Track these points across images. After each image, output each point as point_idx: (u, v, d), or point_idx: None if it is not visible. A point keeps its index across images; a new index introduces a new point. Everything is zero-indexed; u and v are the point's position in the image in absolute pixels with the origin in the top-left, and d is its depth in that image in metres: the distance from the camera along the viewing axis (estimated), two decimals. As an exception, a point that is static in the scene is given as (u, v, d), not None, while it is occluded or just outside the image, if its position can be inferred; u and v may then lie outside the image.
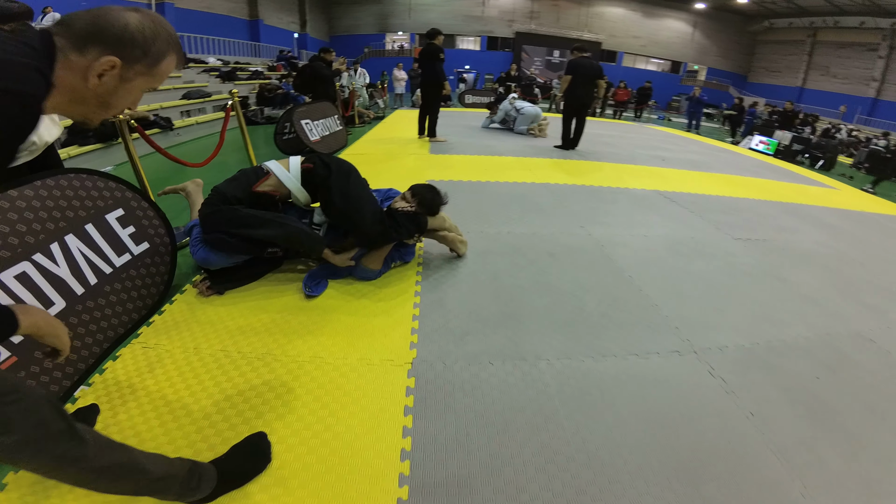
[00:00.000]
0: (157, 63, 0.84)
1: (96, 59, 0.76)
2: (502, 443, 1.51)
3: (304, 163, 2.38)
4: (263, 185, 2.31)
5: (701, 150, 8.37)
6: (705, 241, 3.36)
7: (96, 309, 1.93)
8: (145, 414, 1.56)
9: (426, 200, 2.53)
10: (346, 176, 2.36)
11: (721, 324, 2.29)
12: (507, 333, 2.08)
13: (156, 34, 0.82)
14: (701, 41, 24.52)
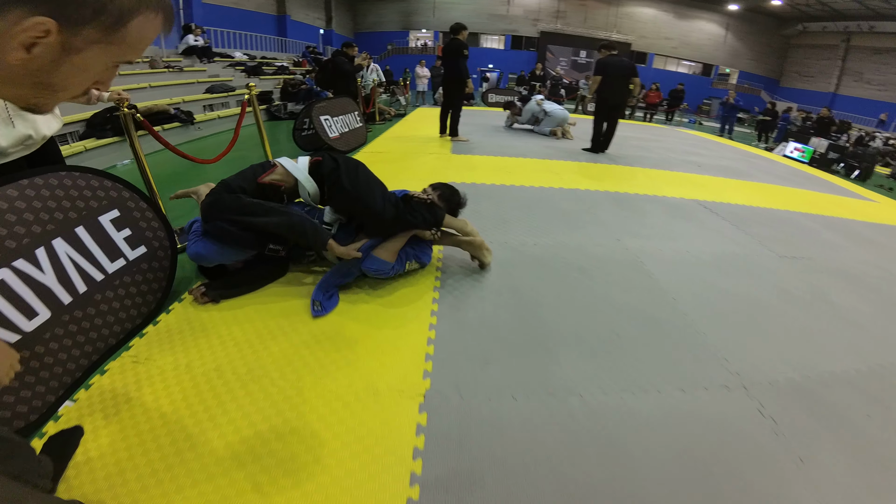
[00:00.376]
0: (122, 23, 0.56)
1: (17, 22, 0.51)
2: (522, 495, 1.29)
3: (313, 157, 2.32)
4: (269, 176, 2.22)
5: (736, 157, 7.96)
6: (749, 259, 3.08)
7: (85, 319, 1.77)
8: (128, 439, 1.40)
9: (445, 195, 2.45)
10: (354, 167, 2.29)
11: (770, 354, 2.06)
12: (533, 362, 1.85)
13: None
14: (733, 44, 23.76)
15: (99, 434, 1.42)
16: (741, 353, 2.04)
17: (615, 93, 6.07)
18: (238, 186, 2.14)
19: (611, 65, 6.00)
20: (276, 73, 11.74)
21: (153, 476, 1.29)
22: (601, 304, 2.30)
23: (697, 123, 16.95)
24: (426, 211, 2.29)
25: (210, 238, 2.10)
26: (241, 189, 2.13)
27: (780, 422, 1.65)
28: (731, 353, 2.02)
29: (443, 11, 23.65)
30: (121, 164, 4.71)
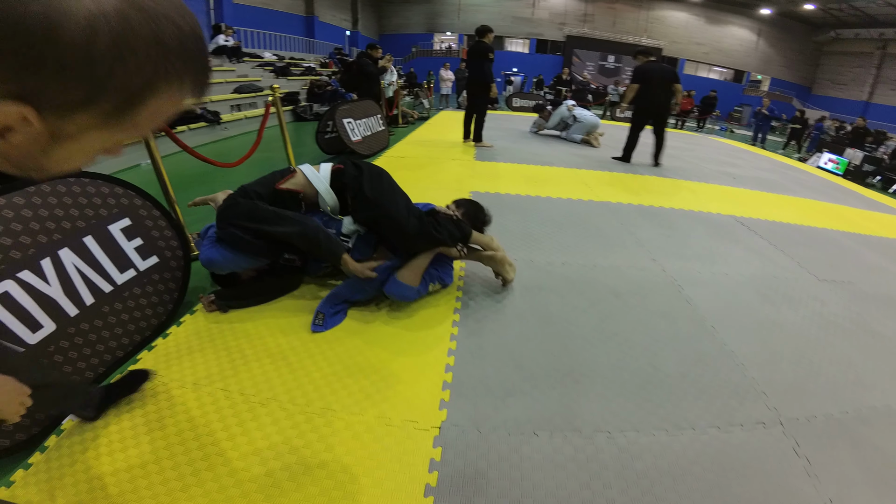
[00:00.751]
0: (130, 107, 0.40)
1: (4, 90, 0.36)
2: None
3: (335, 164, 2.23)
4: (288, 182, 2.15)
5: (770, 168, 7.62)
6: (791, 283, 2.86)
7: (92, 331, 1.68)
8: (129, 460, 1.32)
9: (470, 212, 2.36)
10: (378, 175, 2.18)
11: (811, 388, 1.91)
12: (560, 396, 1.69)
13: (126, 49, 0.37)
14: (765, 50, 23.12)
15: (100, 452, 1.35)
16: (781, 386, 1.90)
17: (656, 101, 5.79)
18: (255, 192, 2.06)
19: (651, 71, 5.72)
20: (304, 73, 11.80)
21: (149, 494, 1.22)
22: (636, 333, 2.12)
23: (729, 131, 16.46)
24: (452, 226, 2.15)
25: (223, 244, 2.01)
26: (257, 195, 2.06)
27: (814, 461, 1.53)
28: (771, 387, 1.88)
29: (467, 14, 23.58)
30: (144, 164, 4.69)
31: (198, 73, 0.44)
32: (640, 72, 5.78)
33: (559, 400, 1.67)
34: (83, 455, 1.33)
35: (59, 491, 1.22)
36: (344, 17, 21.41)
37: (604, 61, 24.11)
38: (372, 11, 24.16)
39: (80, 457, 1.32)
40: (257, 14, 14.91)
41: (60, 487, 1.23)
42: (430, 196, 3.84)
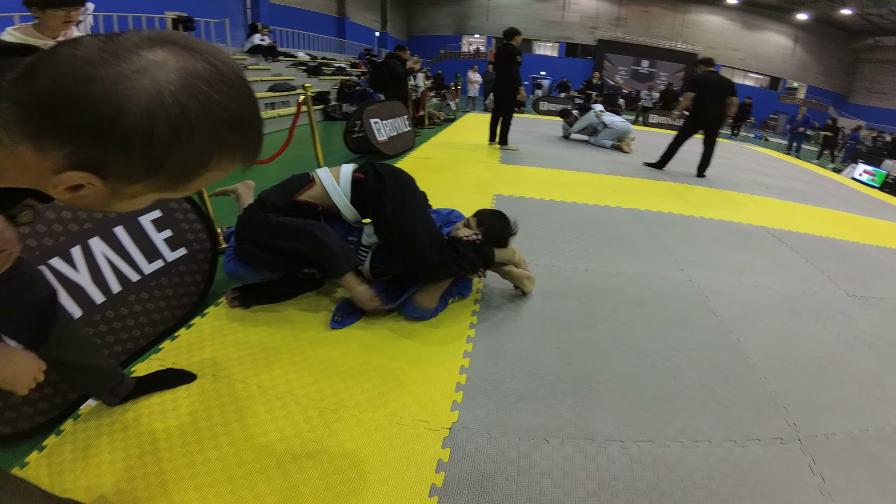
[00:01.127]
0: (184, 178, 0.45)
1: (57, 168, 0.41)
2: None
3: (356, 172, 2.10)
4: (306, 193, 2.06)
5: (803, 178, 7.33)
6: (819, 297, 2.74)
7: (117, 319, 1.73)
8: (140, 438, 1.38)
9: (493, 231, 2.14)
10: (401, 190, 2.03)
11: (833, 404, 1.83)
12: (574, 403, 1.66)
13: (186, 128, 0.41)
14: (801, 57, 22.35)
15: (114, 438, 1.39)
16: (802, 401, 1.83)
17: (708, 111, 5.64)
18: (272, 204, 2.01)
19: (707, 82, 5.57)
20: (334, 73, 12.00)
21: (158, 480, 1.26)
22: (657, 343, 2.06)
23: (763, 139, 15.94)
24: (475, 255, 2.06)
25: (241, 261, 2.01)
26: (274, 207, 2.00)
27: (829, 479, 1.47)
28: (792, 402, 1.81)
29: (496, 17, 23.51)
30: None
31: (250, 148, 0.48)
32: (696, 81, 5.65)
33: (573, 407, 1.63)
34: (97, 440, 1.36)
35: (69, 474, 1.26)
36: (374, 19, 21.71)
37: (637, 66, 23.68)
38: (401, 13, 24.39)
39: (94, 441, 1.36)
40: (292, 14, 15.26)
41: (72, 470, 1.27)
42: (451, 199, 3.84)
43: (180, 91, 0.40)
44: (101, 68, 0.38)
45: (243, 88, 0.45)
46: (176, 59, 0.41)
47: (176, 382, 1.60)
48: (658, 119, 13.02)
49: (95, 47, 0.40)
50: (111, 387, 1.42)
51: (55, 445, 1.35)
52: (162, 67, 0.40)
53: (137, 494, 1.21)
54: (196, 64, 0.42)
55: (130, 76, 0.39)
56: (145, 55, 0.40)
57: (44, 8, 1.95)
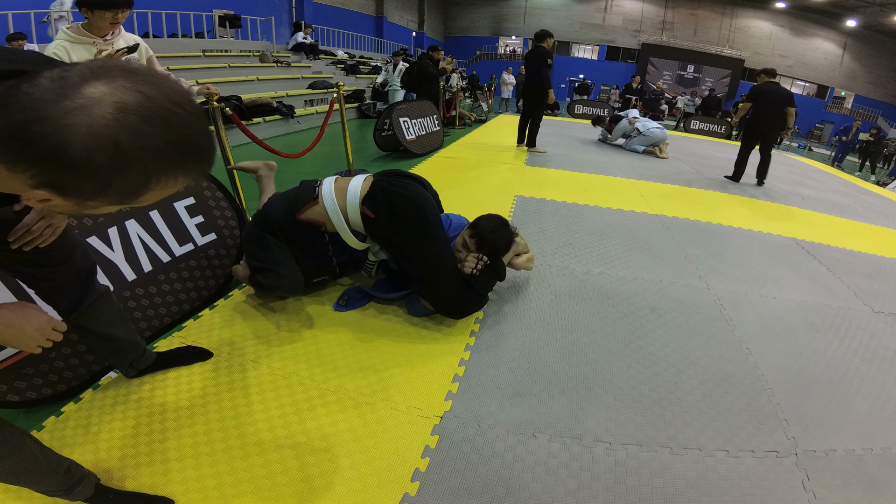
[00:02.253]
0: (128, 196, 0.53)
1: (27, 184, 0.50)
2: None
3: (365, 205, 1.89)
4: (308, 212, 1.94)
5: (844, 191, 6.94)
6: (842, 312, 2.62)
7: (145, 297, 1.87)
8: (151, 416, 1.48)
9: (497, 248, 2.05)
10: (422, 230, 1.86)
11: (839, 421, 1.76)
12: (568, 402, 1.67)
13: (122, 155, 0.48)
14: (850, 65, 21.17)
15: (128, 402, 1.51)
16: (806, 416, 1.76)
17: (766, 122, 5.57)
18: (275, 220, 1.93)
19: (767, 92, 5.48)
20: (371, 72, 12.24)
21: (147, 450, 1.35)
22: (664, 349, 2.04)
23: (807, 149, 15.20)
24: (490, 280, 2.05)
25: None
26: (276, 224, 1.92)
27: (821, 497, 1.42)
28: (795, 415, 1.74)
29: (534, 18, 23.30)
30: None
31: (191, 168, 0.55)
32: (756, 91, 5.54)
33: (566, 406, 1.64)
34: (112, 409, 1.48)
35: (80, 438, 1.37)
36: (411, 19, 21.95)
37: (682, 71, 22.99)
38: (438, 13, 24.55)
39: (109, 410, 1.47)
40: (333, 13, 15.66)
41: (84, 435, 1.38)
42: (474, 199, 3.89)
43: (112, 125, 0.47)
44: (49, 107, 0.47)
45: (181, 115, 0.52)
46: (112, 93, 0.48)
47: (193, 359, 1.72)
48: (699, 125, 12.62)
49: (47, 84, 0.48)
50: (131, 360, 1.54)
51: (72, 412, 1.47)
52: (99, 104, 0.47)
53: (126, 462, 1.30)
54: (130, 97, 0.48)
55: (70, 113, 0.46)
56: (86, 91, 0.48)
57: (92, 9, 2.07)
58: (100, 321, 1.36)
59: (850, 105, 21.41)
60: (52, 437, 1.37)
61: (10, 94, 0.48)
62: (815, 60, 21.49)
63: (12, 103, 0.48)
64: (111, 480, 1.24)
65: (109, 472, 1.27)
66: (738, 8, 21.46)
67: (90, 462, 1.28)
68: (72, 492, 1.08)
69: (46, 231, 1.05)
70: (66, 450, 1.32)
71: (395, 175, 2.07)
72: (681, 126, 13.02)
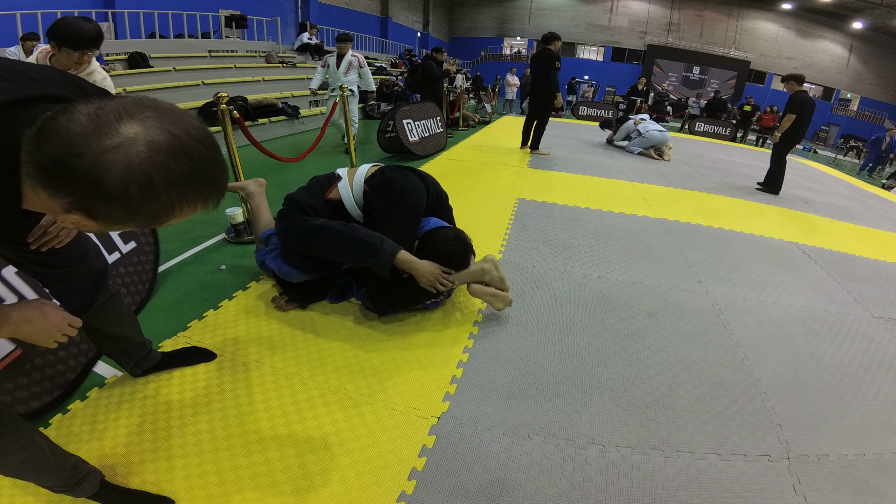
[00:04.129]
0: (151, 222, 0.61)
1: (63, 209, 0.57)
2: None
3: (367, 181, 2.10)
4: (334, 191, 2.14)
5: (849, 194, 6.93)
6: (841, 318, 2.63)
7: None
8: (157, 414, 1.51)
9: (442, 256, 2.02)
10: (396, 209, 2.02)
11: (833, 426, 1.77)
12: (563, 404, 1.70)
13: (153, 190, 0.55)
14: (856, 67, 21.16)
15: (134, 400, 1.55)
16: (800, 420, 1.78)
17: (802, 130, 5.55)
18: (307, 204, 2.05)
19: (807, 103, 5.40)
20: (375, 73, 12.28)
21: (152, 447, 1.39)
22: (660, 353, 2.06)
23: (812, 151, 15.13)
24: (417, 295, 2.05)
25: (292, 264, 2.07)
26: (309, 207, 2.05)
27: (812, 501, 1.44)
28: (788, 420, 1.76)
29: (539, 19, 23.32)
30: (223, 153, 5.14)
31: (208, 197, 0.62)
32: (798, 102, 5.39)
33: (561, 408, 1.67)
34: (118, 407, 1.51)
35: (86, 435, 1.40)
36: (416, 19, 22.00)
37: (688, 73, 22.95)
38: (443, 14, 24.59)
39: (114, 408, 1.51)
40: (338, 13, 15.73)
41: (91, 432, 1.41)
42: (476, 202, 3.91)
43: (146, 163, 0.54)
44: (89, 142, 0.52)
45: (202, 151, 0.59)
46: (145, 132, 0.55)
47: (198, 360, 1.75)
48: (704, 127, 12.60)
49: (85, 120, 0.54)
50: (137, 359, 1.58)
51: (79, 409, 1.50)
52: (133, 143, 0.54)
53: (131, 459, 1.34)
54: (161, 137, 0.55)
55: (109, 150, 0.53)
56: (122, 130, 0.54)
57: (60, 46, 2.00)
58: (109, 321, 1.40)
59: (856, 107, 21.38)
60: (58, 434, 1.41)
61: (51, 127, 0.54)
62: (821, 62, 21.40)
63: (53, 137, 0.53)
64: (116, 477, 1.27)
65: (114, 469, 1.30)
66: (744, 9, 21.40)
67: (96, 458, 1.32)
68: (77, 488, 1.11)
69: (62, 233, 1.09)
70: (73, 446, 1.35)
71: (399, 166, 2.22)
72: (686, 128, 13.00)
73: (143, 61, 6.53)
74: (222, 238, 2.89)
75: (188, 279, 2.40)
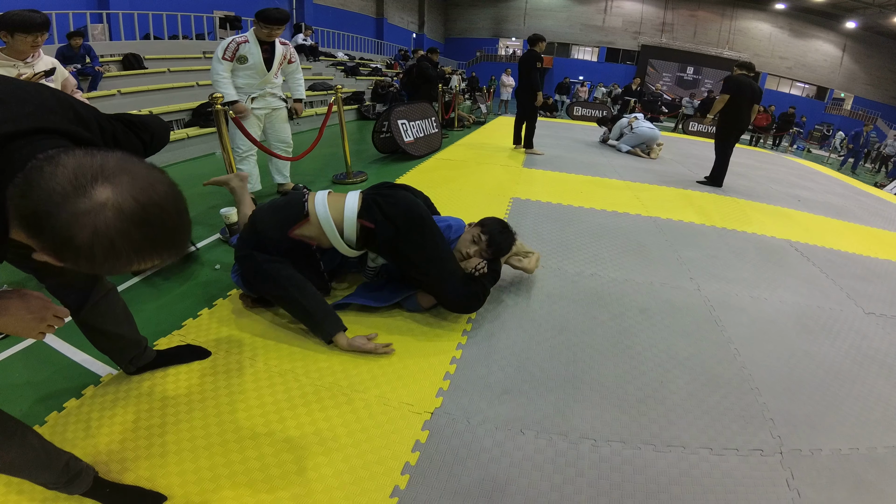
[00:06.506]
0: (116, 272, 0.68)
1: (38, 248, 0.65)
2: None
3: (361, 217, 1.93)
4: (300, 230, 1.94)
5: (843, 192, 6.96)
6: (834, 314, 2.66)
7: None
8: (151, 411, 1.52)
9: (495, 243, 2.12)
10: (419, 234, 1.93)
11: (827, 422, 1.79)
12: (556, 400, 1.71)
13: (114, 251, 0.62)
14: (849, 66, 21.30)
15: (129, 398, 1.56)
16: (793, 416, 1.79)
17: (744, 117, 5.42)
18: (266, 236, 1.91)
19: (744, 84, 5.30)
20: (371, 74, 12.30)
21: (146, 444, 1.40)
22: (652, 350, 2.08)
23: (806, 150, 15.24)
24: (491, 278, 2.12)
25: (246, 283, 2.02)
26: (268, 239, 1.91)
27: (805, 496, 1.44)
28: (781, 415, 1.77)
29: (534, 20, 23.39)
30: (218, 153, 5.13)
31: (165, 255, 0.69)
32: (734, 83, 5.28)
33: (554, 404, 1.69)
34: (113, 405, 1.52)
35: (82, 433, 1.41)
36: (411, 20, 22.02)
37: (682, 73, 23.07)
38: (438, 15, 24.63)
39: (109, 406, 1.52)
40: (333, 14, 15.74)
41: (86, 429, 1.42)
42: (469, 202, 3.93)
43: (111, 230, 0.61)
44: (64, 203, 0.59)
45: (165, 220, 0.66)
46: (115, 198, 0.61)
47: (192, 357, 1.76)
48: (698, 127, 12.68)
49: (66, 177, 0.60)
50: (131, 356, 1.58)
51: (74, 408, 1.51)
52: (103, 209, 0.60)
53: (125, 455, 1.35)
54: (128, 204, 0.61)
55: (81, 214, 0.59)
56: (95, 194, 0.60)
57: (13, 33, 2.11)
58: (105, 318, 1.40)
59: (849, 106, 21.52)
60: (53, 432, 1.41)
61: (35, 179, 0.60)
62: (814, 62, 21.58)
63: (35, 191, 0.60)
64: (110, 473, 1.28)
65: (108, 466, 1.31)
66: (737, 9, 21.54)
67: (90, 455, 1.32)
68: (70, 485, 1.12)
69: None
70: (67, 445, 1.35)
71: (383, 187, 2.14)
72: (679, 128, 13.08)
73: (138, 62, 6.51)
74: (217, 238, 2.90)
75: (184, 278, 2.41)
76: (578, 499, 1.34)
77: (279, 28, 3.23)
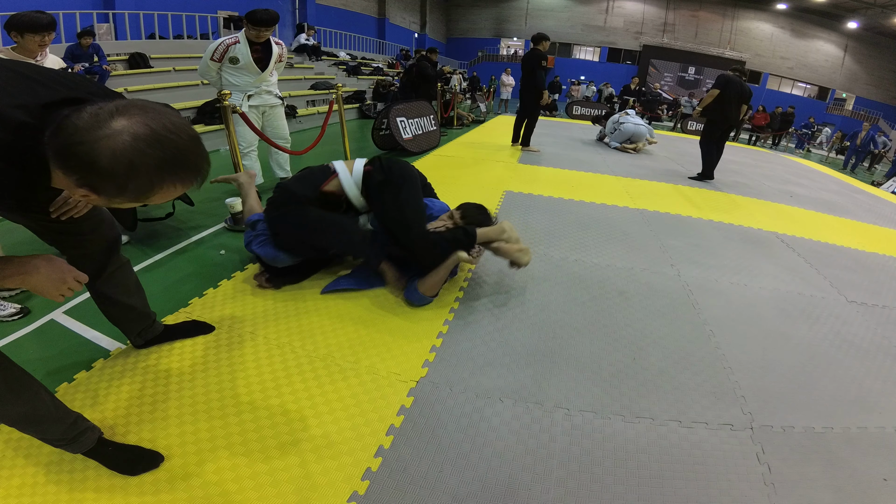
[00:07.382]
0: (140, 196, 0.77)
1: (75, 185, 0.75)
2: (470, 490, 1.32)
3: (366, 165, 2.31)
4: (330, 184, 2.28)
5: (837, 189, 7.04)
6: (815, 301, 2.73)
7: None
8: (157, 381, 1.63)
9: (469, 210, 2.36)
10: (399, 184, 2.24)
11: (799, 400, 1.84)
12: (534, 373, 1.83)
13: (134, 169, 0.72)
14: (851, 67, 21.30)
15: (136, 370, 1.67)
16: (765, 394, 1.84)
17: (731, 114, 5.57)
18: (302, 195, 2.20)
19: (733, 82, 5.47)
20: (372, 73, 12.41)
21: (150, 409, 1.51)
22: (628, 329, 2.19)
23: (806, 150, 15.27)
24: (461, 233, 2.23)
25: (280, 248, 2.20)
26: (305, 198, 2.20)
27: (776, 471, 1.49)
28: (753, 393, 1.84)
29: (535, 20, 23.45)
30: (223, 150, 5.25)
31: (186, 179, 0.79)
32: (724, 80, 5.48)
33: (532, 376, 1.80)
34: (121, 376, 1.63)
35: (89, 401, 1.50)
36: (413, 20, 22.12)
37: (684, 73, 23.09)
38: (440, 15, 24.71)
39: (117, 377, 1.62)
40: (335, 14, 15.86)
41: (93, 398, 1.52)
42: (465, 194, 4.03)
43: (128, 148, 0.72)
44: (87, 133, 0.71)
45: (175, 141, 0.75)
46: (129, 126, 0.72)
47: (197, 332, 1.88)
48: (697, 126, 12.75)
49: (87, 117, 0.72)
50: (140, 329, 1.70)
51: (83, 379, 1.61)
52: (120, 133, 0.71)
53: (130, 420, 1.45)
54: (141, 129, 0.72)
55: (101, 139, 0.71)
56: (112, 124, 0.72)
57: (22, 33, 2.26)
58: (118, 289, 1.52)
59: (851, 107, 21.50)
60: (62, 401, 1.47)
61: (64, 123, 0.73)
62: (816, 62, 21.58)
63: (64, 129, 0.72)
64: (114, 436, 1.38)
65: (113, 429, 1.41)
66: (739, 10, 21.56)
67: (97, 420, 1.40)
68: (75, 442, 1.19)
69: (80, 202, 1.21)
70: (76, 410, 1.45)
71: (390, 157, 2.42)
72: (678, 127, 13.15)
73: (144, 62, 6.65)
74: (223, 226, 3.03)
75: (191, 262, 2.55)
76: (551, 463, 1.43)
77: (268, 29, 3.31)
